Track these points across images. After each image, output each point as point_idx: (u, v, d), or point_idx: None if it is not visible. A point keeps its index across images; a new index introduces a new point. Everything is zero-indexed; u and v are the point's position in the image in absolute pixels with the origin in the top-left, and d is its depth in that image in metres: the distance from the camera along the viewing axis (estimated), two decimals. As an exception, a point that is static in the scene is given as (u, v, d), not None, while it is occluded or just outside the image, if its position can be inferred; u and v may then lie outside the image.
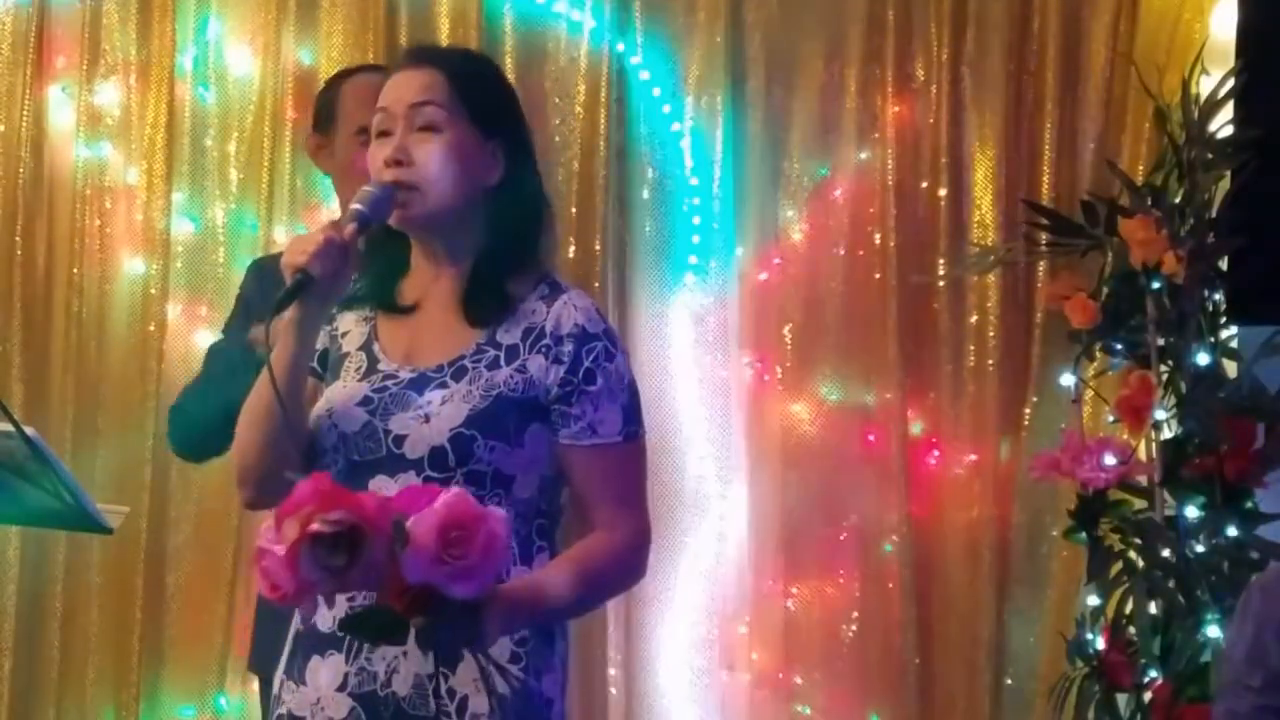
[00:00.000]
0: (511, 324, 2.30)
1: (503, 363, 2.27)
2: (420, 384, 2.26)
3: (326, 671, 2.24)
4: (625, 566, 2.31)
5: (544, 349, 2.28)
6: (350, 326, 2.36)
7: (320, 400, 2.29)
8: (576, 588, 2.22)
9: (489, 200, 2.32)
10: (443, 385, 2.25)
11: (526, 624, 2.19)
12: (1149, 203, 3.48)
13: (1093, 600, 3.41)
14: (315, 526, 1.83)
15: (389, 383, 2.28)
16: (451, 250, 2.33)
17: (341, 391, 2.29)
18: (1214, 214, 3.45)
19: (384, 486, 2.21)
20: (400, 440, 2.23)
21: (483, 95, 2.35)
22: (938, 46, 4.03)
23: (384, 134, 2.30)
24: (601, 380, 2.29)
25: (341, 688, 2.23)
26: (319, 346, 2.33)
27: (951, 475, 4.03)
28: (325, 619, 2.24)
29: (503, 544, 1.93)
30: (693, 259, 4.08)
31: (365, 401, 2.26)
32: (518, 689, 2.22)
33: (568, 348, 2.28)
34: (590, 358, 2.29)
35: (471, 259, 2.32)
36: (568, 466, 2.30)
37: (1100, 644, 3.40)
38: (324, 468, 2.28)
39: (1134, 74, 3.76)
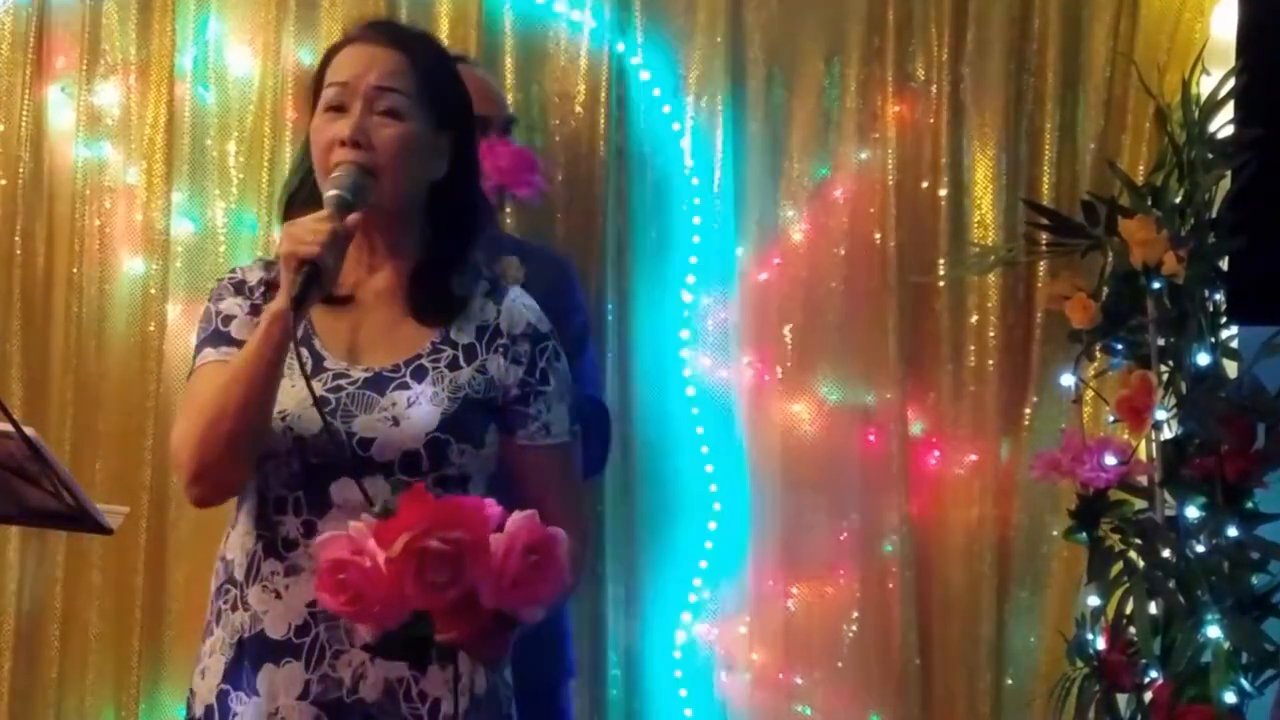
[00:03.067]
0: (464, 322, 2.26)
1: (462, 363, 2.23)
2: (379, 384, 2.21)
3: (284, 680, 2.18)
4: (580, 567, 2.31)
5: (502, 348, 2.26)
6: None
7: None
8: None
9: (433, 194, 2.27)
10: (404, 386, 2.20)
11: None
12: (1149, 203, 3.48)
13: (1093, 600, 3.41)
14: (433, 544, 1.76)
15: (343, 382, 2.22)
16: (391, 244, 2.27)
17: (292, 393, 2.18)
18: (1214, 214, 3.45)
19: (348, 490, 2.15)
20: (367, 443, 2.17)
21: (442, 87, 2.29)
22: (938, 46, 4.03)
23: (338, 109, 2.22)
24: (554, 380, 2.29)
25: (303, 696, 2.18)
26: (246, 337, 2.22)
27: (951, 475, 4.03)
28: (278, 626, 2.19)
29: (565, 568, 1.89)
30: (693, 259, 4.08)
31: (321, 403, 2.17)
32: (488, 688, 2.20)
33: (524, 347, 2.27)
34: (544, 358, 2.28)
35: (412, 254, 2.27)
36: (519, 466, 2.28)
37: (1100, 644, 3.39)
38: (274, 469, 2.21)
39: (1134, 74, 3.77)
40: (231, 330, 2.28)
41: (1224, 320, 3.48)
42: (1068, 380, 3.60)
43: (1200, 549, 3.34)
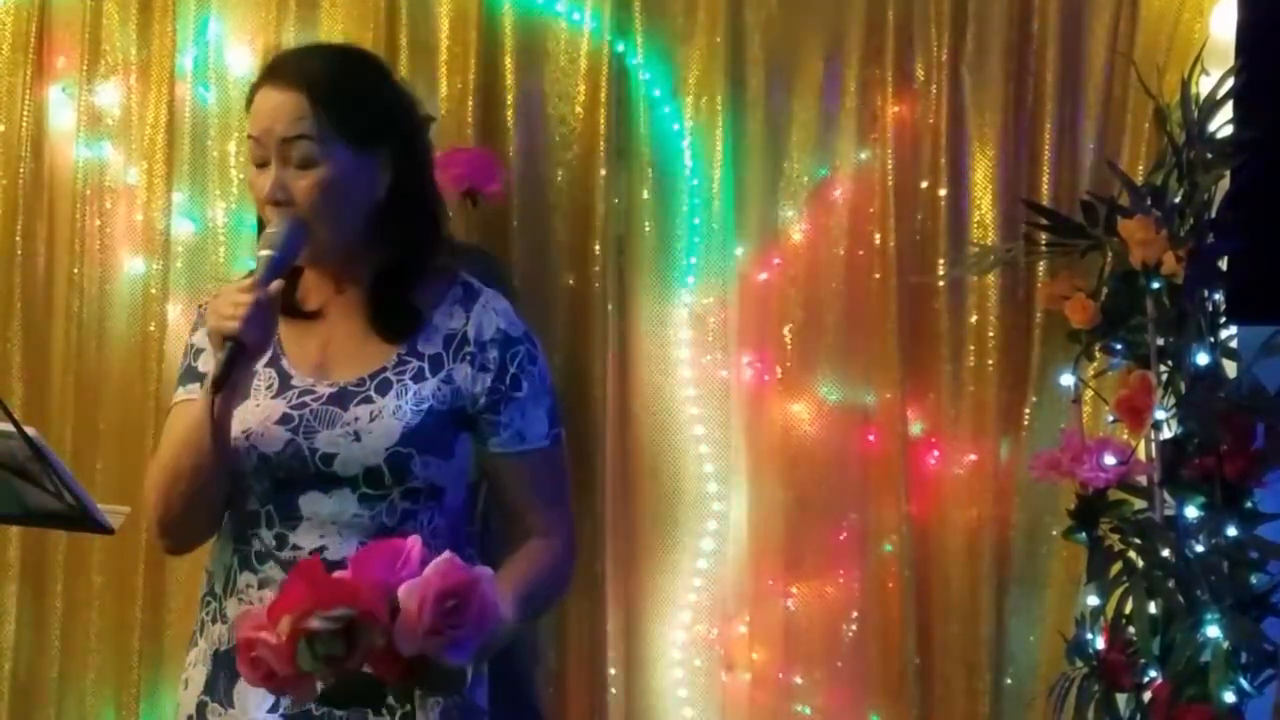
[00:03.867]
0: (430, 332, 2.24)
1: (428, 374, 2.22)
2: (343, 399, 2.20)
3: (256, 694, 2.17)
4: (568, 573, 2.30)
5: (468, 356, 2.23)
6: None
7: (233, 421, 2.19)
8: (533, 604, 2.20)
9: (382, 211, 2.23)
10: (367, 400, 2.20)
11: (493, 653, 2.13)
12: (1149, 203, 3.48)
13: (1092, 600, 3.41)
14: (315, 624, 1.74)
15: (308, 399, 2.21)
16: (349, 268, 2.25)
17: (256, 411, 2.20)
18: (1214, 214, 3.45)
19: (316, 503, 2.17)
20: (329, 459, 2.17)
21: (356, 112, 2.21)
22: (938, 46, 4.03)
23: (261, 165, 2.20)
24: (527, 385, 2.26)
25: (274, 709, 2.18)
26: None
27: (951, 475, 4.03)
28: None
29: (494, 605, 1.84)
30: (693, 259, 4.08)
31: (285, 419, 2.19)
32: (459, 703, 2.20)
33: (492, 354, 2.24)
34: (515, 363, 2.25)
35: (373, 271, 2.25)
36: (496, 474, 2.27)
37: (1100, 644, 3.39)
38: (244, 489, 2.21)
39: (1134, 74, 3.76)
40: (199, 365, 2.28)
41: (1223, 320, 3.48)
42: (1067, 380, 3.61)
43: (1199, 549, 3.35)
